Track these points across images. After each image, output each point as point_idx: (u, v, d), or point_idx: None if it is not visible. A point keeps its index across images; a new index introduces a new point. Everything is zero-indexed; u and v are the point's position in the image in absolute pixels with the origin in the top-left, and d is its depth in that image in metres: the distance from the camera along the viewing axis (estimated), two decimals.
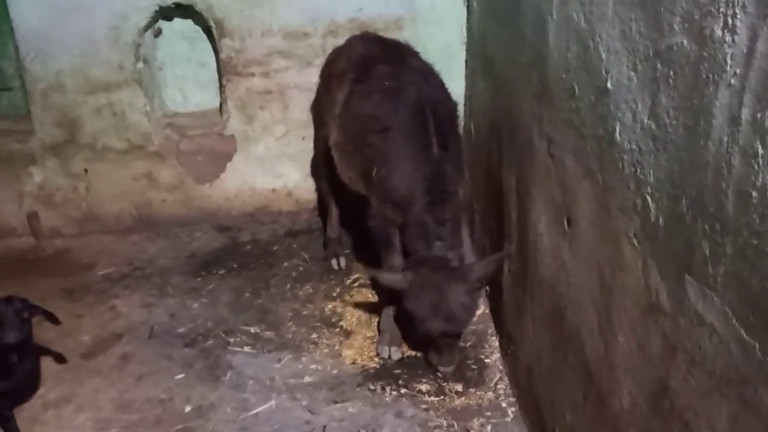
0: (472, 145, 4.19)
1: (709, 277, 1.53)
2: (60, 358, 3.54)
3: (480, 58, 4.02)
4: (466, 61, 4.39)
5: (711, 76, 1.46)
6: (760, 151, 1.30)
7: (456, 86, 4.14)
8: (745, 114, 1.35)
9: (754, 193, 1.34)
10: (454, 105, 3.68)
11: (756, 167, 1.33)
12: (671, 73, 1.64)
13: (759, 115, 1.31)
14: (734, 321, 1.45)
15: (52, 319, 3.23)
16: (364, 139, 3.53)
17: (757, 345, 1.37)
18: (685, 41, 1.57)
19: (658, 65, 1.70)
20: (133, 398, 3.34)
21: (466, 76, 4.38)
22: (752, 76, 1.32)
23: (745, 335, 1.41)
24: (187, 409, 3.28)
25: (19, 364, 3.11)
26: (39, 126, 4.44)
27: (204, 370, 3.51)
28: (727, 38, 1.40)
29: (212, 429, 3.16)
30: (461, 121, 3.95)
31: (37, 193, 4.57)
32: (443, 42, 4.33)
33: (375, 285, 3.94)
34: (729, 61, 1.40)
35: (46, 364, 3.51)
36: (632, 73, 1.86)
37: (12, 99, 4.58)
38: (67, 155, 4.51)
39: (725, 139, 1.43)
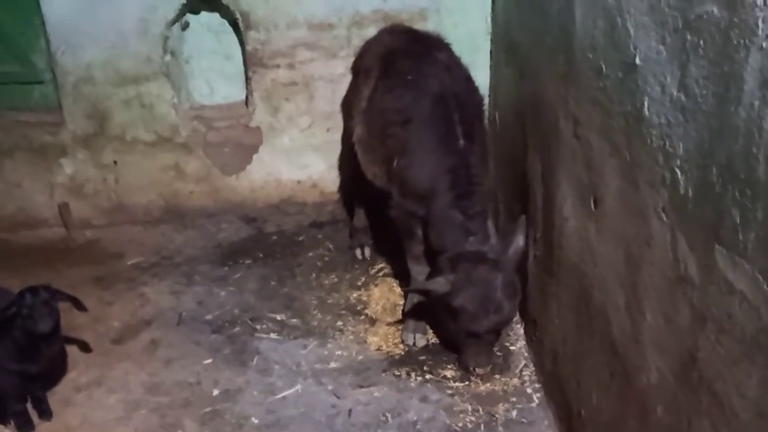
0: (496, 134, 4.19)
1: (739, 244, 1.53)
2: (85, 347, 3.60)
3: (504, 45, 4.03)
4: (490, 51, 4.39)
5: (742, 41, 1.47)
6: None
7: (481, 76, 4.14)
8: None
9: None
10: (480, 98, 3.66)
11: None
12: (701, 42, 1.64)
13: None
14: (765, 286, 1.45)
15: (78, 305, 3.28)
16: (386, 132, 3.53)
17: None
18: (715, 9, 1.57)
19: (688, 36, 1.70)
20: (162, 381, 3.40)
21: (490, 66, 4.38)
22: None
23: None
24: (215, 392, 3.33)
25: (48, 348, 3.18)
26: (70, 118, 4.52)
27: (231, 355, 3.55)
28: (759, 2, 1.40)
29: (240, 411, 3.20)
30: (486, 113, 3.96)
31: (68, 185, 4.65)
32: (468, 32, 4.33)
33: (400, 276, 3.95)
34: (761, 25, 1.40)
35: (77, 349, 3.59)
36: (661, 47, 1.86)
37: (44, 92, 4.65)
38: (96, 147, 4.58)
39: (756, 102, 1.43)
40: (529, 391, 3.29)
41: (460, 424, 3.10)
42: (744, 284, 1.53)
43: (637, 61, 2.02)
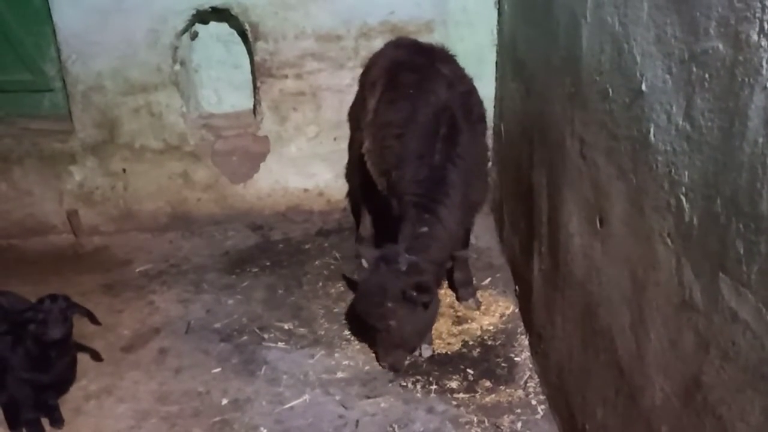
0: (502, 146, 4.24)
1: (743, 275, 1.57)
2: (96, 356, 3.65)
3: (511, 59, 4.07)
4: (496, 63, 4.44)
5: (746, 80, 1.50)
6: None
7: (486, 88, 4.20)
8: None
9: None
10: (481, 113, 3.70)
11: None
12: (706, 76, 1.68)
13: None
14: None
15: (93, 318, 3.33)
16: (384, 144, 3.62)
17: None
18: (720, 45, 1.61)
19: (694, 68, 1.74)
20: (172, 390, 3.45)
21: (496, 78, 4.43)
22: None
23: None
24: (224, 401, 3.37)
25: (59, 358, 3.22)
26: (79, 126, 4.58)
27: (240, 365, 3.60)
28: (763, 43, 1.44)
29: (248, 421, 3.25)
30: (490, 125, 4.00)
31: (77, 192, 4.71)
32: (474, 44, 4.38)
33: None
34: (765, 65, 1.44)
35: (88, 356, 3.64)
36: (667, 76, 1.90)
37: (54, 100, 4.73)
38: (106, 155, 4.64)
39: (760, 140, 1.47)
40: (533, 402, 3.33)
41: None
42: (748, 314, 1.57)
43: (644, 88, 2.06)
